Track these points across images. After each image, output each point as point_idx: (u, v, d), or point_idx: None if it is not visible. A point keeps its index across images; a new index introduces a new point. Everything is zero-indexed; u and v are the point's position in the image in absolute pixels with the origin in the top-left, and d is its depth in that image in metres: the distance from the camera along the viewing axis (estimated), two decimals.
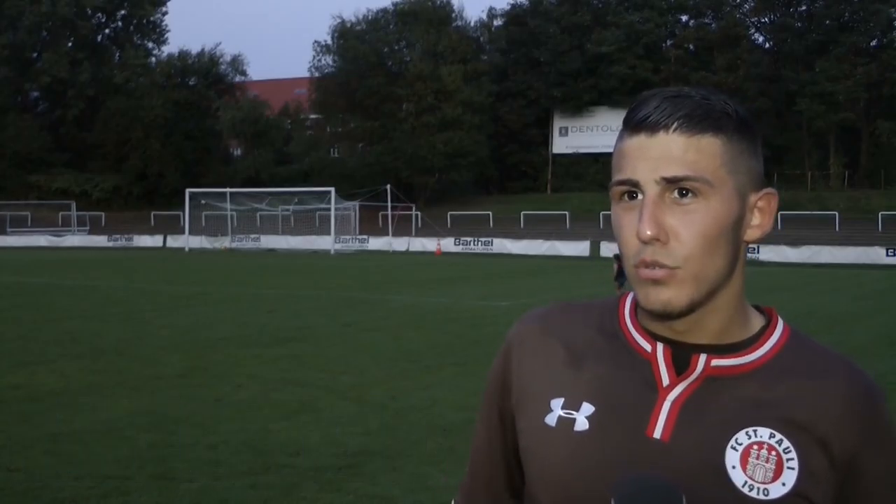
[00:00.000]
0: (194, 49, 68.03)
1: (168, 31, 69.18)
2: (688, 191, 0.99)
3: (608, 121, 57.68)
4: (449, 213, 52.34)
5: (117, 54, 66.83)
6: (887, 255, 36.18)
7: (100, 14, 66.50)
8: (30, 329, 12.88)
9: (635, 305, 1.12)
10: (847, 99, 50.93)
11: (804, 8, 56.22)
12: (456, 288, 21.61)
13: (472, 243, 44.35)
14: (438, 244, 43.74)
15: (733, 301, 1.06)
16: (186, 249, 45.90)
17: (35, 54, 64.02)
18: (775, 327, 1.10)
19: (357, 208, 47.92)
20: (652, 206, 0.99)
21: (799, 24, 55.84)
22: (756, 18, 58.91)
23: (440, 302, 17.58)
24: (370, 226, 49.82)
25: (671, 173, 0.99)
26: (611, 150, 1.08)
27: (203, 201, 49.28)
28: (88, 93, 62.06)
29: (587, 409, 1.07)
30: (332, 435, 6.72)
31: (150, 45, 68.25)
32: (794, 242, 39.71)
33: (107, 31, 68.50)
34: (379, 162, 55.70)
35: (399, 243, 45.95)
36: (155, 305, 16.73)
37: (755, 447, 1.01)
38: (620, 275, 18.92)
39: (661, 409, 1.04)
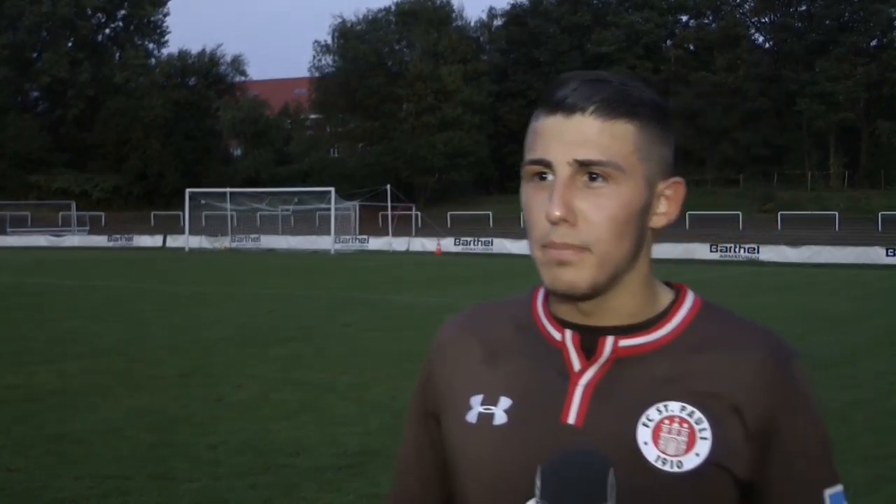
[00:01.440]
0: (194, 49, 68.08)
1: (169, 31, 69.21)
2: (599, 175, 1.00)
3: None
4: (449, 213, 52.34)
5: (117, 54, 66.82)
6: (887, 255, 36.16)
7: (100, 14, 66.46)
8: (30, 329, 12.87)
9: (547, 295, 1.13)
10: (847, 99, 50.92)
11: (804, 8, 56.21)
12: (456, 288, 21.61)
13: (472, 243, 44.35)
14: (438, 244, 43.73)
15: (639, 283, 1.07)
16: (186, 249, 45.87)
17: (35, 54, 64.01)
18: (683, 301, 1.10)
19: (357, 208, 47.86)
20: (563, 187, 0.99)
21: (799, 24, 55.84)
22: (756, 18, 58.92)
23: (440, 302, 17.57)
24: (370, 226, 49.79)
25: (584, 156, 0.99)
26: None
27: (203, 201, 49.22)
28: (88, 93, 62.03)
29: (505, 402, 1.08)
30: (332, 435, 6.72)
31: (151, 45, 68.26)
32: (794, 242, 39.70)
33: (107, 31, 68.48)
34: (379, 162, 55.67)
35: (399, 243, 45.92)
36: (155, 305, 16.72)
37: (666, 421, 1.01)
38: None
39: (573, 395, 1.05)
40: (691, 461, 1.00)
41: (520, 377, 1.09)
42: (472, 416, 1.09)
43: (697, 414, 1.01)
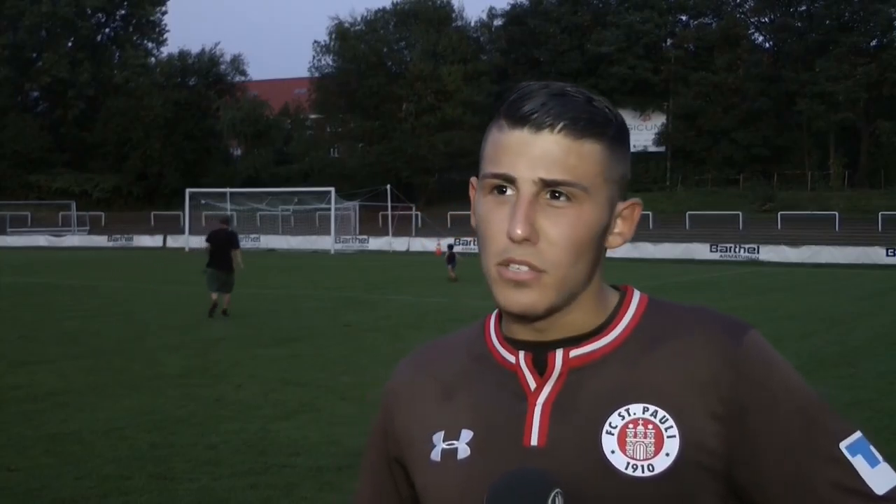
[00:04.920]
0: (194, 49, 68.09)
1: (168, 31, 69.26)
2: (562, 194, 0.97)
3: None
4: (449, 213, 52.32)
5: (117, 54, 66.85)
6: (887, 255, 36.17)
7: (100, 14, 66.51)
8: (30, 329, 12.88)
9: (500, 318, 1.10)
10: (847, 99, 50.92)
11: (804, 8, 56.22)
12: (456, 288, 21.61)
13: (472, 243, 44.29)
14: (438, 244, 43.71)
15: (592, 298, 1.05)
16: (186, 249, 45.86)
17: (35, 54, 64.03)
18: (630, 302, 1.07)
19: (357, 208, 47.87)
20: (527, 205, 0.96)
21: (799, 24, 55.85)
22: (756, 18, 58.93)
23: (440, 302, 17.57)
24: (370, 226, 49.80)
25: (551, 176, 0.96)
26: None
27: (203, 201, 49.22)
28: (88, 93, 62.07)
29: (466, 435, 1.06)
30: (331, 435, 6.72)
31: (150, 45, 68.27)
32: (794, 242, 39.70)
33: (107, 31, 68.53)
34: (379, 162, 55.69)
35: (399, 243, 45.92)
36: (155, 305, 16.72)
37: (631, 426, 0.98)
38: (452, 259, 24.17)
39: (532, 416, 1.02)
40: (662, 462, 0.96)
41: (479, 407, 1.06)
42: (435, 455, 1.07)
43: (661, 412, 0.98)
